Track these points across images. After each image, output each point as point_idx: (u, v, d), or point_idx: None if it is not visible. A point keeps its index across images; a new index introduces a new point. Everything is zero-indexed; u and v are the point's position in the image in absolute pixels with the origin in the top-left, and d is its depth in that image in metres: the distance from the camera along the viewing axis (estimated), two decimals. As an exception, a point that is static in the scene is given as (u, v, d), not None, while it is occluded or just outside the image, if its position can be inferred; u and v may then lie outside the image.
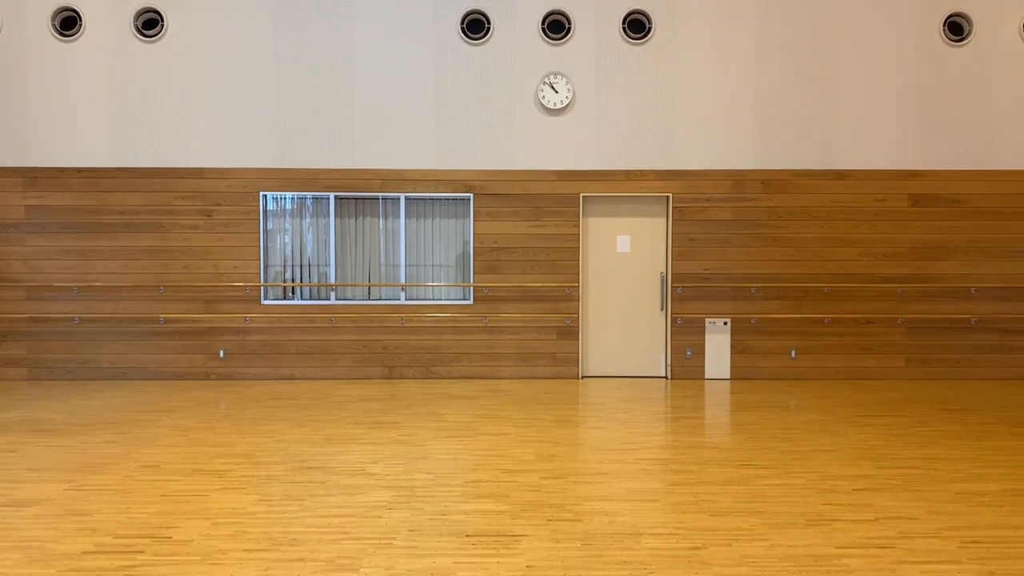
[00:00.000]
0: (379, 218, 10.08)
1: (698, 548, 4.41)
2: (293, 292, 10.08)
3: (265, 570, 4.10)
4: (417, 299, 10.08)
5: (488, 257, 9.90)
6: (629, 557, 4.28)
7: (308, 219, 10.07)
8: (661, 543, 4.48)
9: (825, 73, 9.87)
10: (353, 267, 10.10)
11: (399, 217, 10.00)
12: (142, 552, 4.35)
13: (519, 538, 4.56)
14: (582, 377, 10.05)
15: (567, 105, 9.83)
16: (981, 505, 5.12)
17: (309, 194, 9.95)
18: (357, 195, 9.98)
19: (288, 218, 10.07)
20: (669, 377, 9.99)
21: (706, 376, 9.92)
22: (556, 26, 9.89)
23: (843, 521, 4.83)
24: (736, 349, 9.90)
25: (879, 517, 4.91)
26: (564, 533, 4.63)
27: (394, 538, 4.54)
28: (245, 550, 4.37)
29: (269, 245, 10.01)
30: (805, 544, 4.47)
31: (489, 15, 9.82)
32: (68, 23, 9.80)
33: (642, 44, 9.84)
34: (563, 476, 5.78)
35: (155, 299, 9.81)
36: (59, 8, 9.74)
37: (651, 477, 5.79)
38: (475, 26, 9.88)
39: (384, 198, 10.02)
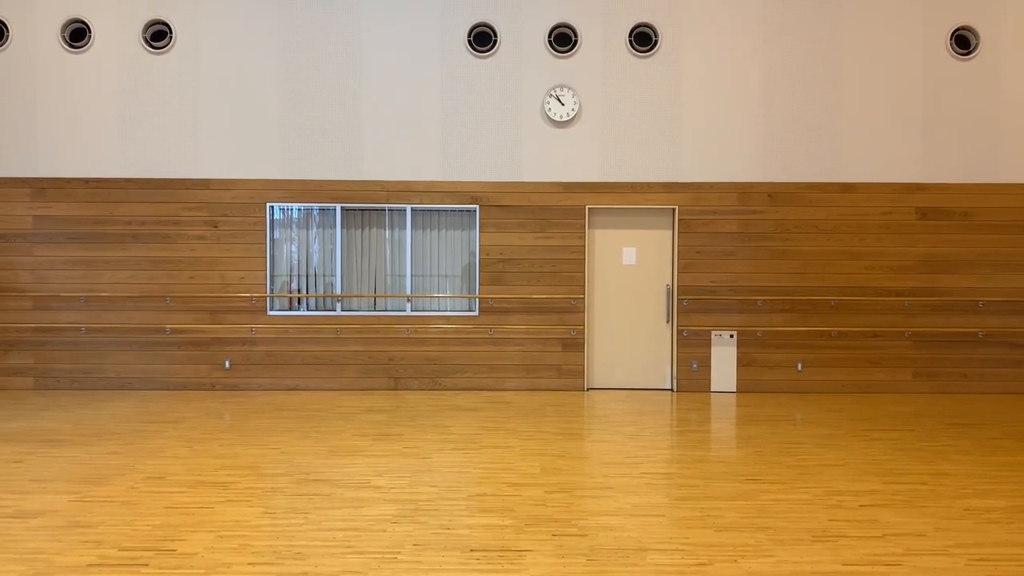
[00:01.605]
0: (385, 229, 10.09)
1: (704, 564, 4.39)
2: (299, 303, 10.09)
3: (269, 584, 4.09)
4: (423, 310, 10.09)
5: (494, 268, 9.90)
6: (634, 573, 4.25)
7: (314, 230, 10.09)
8: (666, 559, 4.45)
9: (832, 86, 9.87)
10: (359, 278, 10.11)
11: (405, 228, 10.02)
12: (147, 565, 4.34)
13: (524, 553, 4.54)
14: (587, 389, 10.03)
15: (573, 117, 9.85)
16: (989, 522, 5.08)
17: (315, 205, 9.97)
18: (363, 206, 10.00)
19: (294, 229, 10.10)
20: (675, 390, 9.96)
21: (712, 389, 9.89)
22: (563, 39, 9.92)
23: (849, 537, 4.80)
24: (742, 362, 9.87)
25: (886, 533, 4.88)
26: (569, 548, 4.61)
27: (398, 552, 4.53)
28: (249, 563, 4.37)
29: (275, 256, 10.03)
30: (811, 561, 4.44)
31: (496, 28, 9.86)
32: (77, 35, 9.87)
33: (648, 57, 9.86)
34: (568, 490, 5.76)
35: (161, 309, 9.83)
36: (68, 20, 9.81)
37: (656, 491, 5.77)
38: (482, 39, 9.92)
39: (390, 209, 10.04)
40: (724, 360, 9.89)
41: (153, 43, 9.85)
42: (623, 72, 9.87)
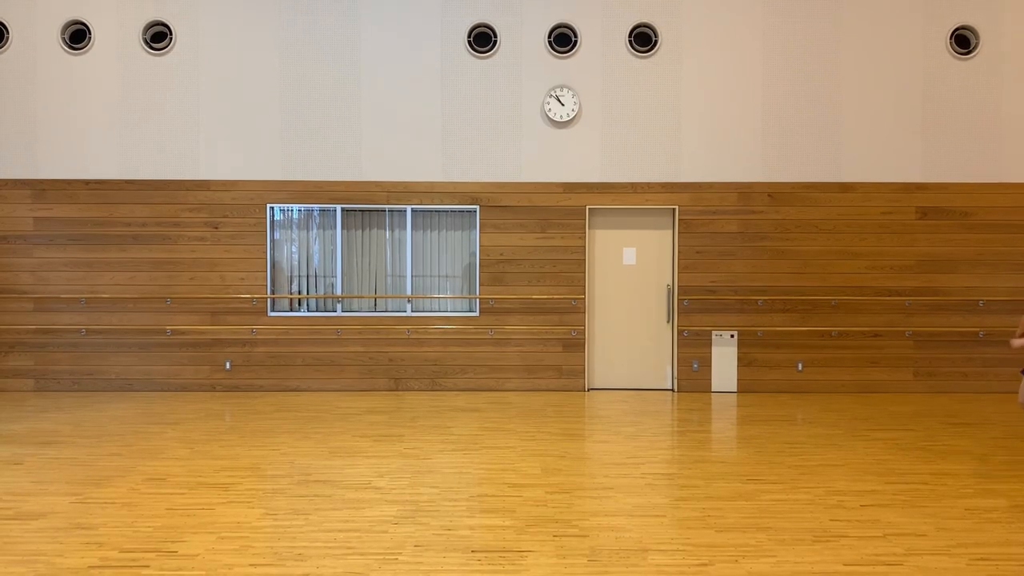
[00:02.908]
0: (385, 230, 10.10)
1: (705, 565, 4.39)
2: (299, 304, 10.10)
3: (270, 586, 4.09)
4: (423, 311, 10.09)
5: (494, 269, 9.90)
6: (635, 574, 4.26)
7: (315, 231, 10.09)
8: (667, 559, 4.46)
9: (832, 86, 9.87)
10: (359, 279, 10.11)
11: (405, 229, 10.02)
12: (148, 567, 4.35)
13: (525, 554, 4.54)
14: (588, 389, 10.03)
15: (573, 118, 9.85)
16: (990, 521, 5.08)
17: (316, 206, 9.98)
18: (364, 207, 10.00)
19: (295, 230, 10.10)
20: (675, 390, 9.96)
21: (712, 389, 9.89)
22: (563, 39, 9.92)
23: (850, 537, 4.80)
24: (743, 362, 9.87)
25: (887, 533, 4.88)
26: (570, 549, 4.61)
27: (399, 553, 4.53)
28: (251, 565, 4.37)
29: (276, 257, 10.03)
30: (812, 561, 4.44)
31: (496, 29, 9.86)
32: (77, 36, 9.87)
33: (649, 57, 9.86)
34: (569, 491, 5.76)
35: (162, 311, 9.83)
36: (69, 21, 9.81)
37: (657, 492, 5.77)
38: (482, 39, 9.92)
39: (391, 210, 10.04)
40: (724, 360, 9.89)
41: (153, 44, 9.86)
42: (623, 72, 9.87)
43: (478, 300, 9.94)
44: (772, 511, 5.29)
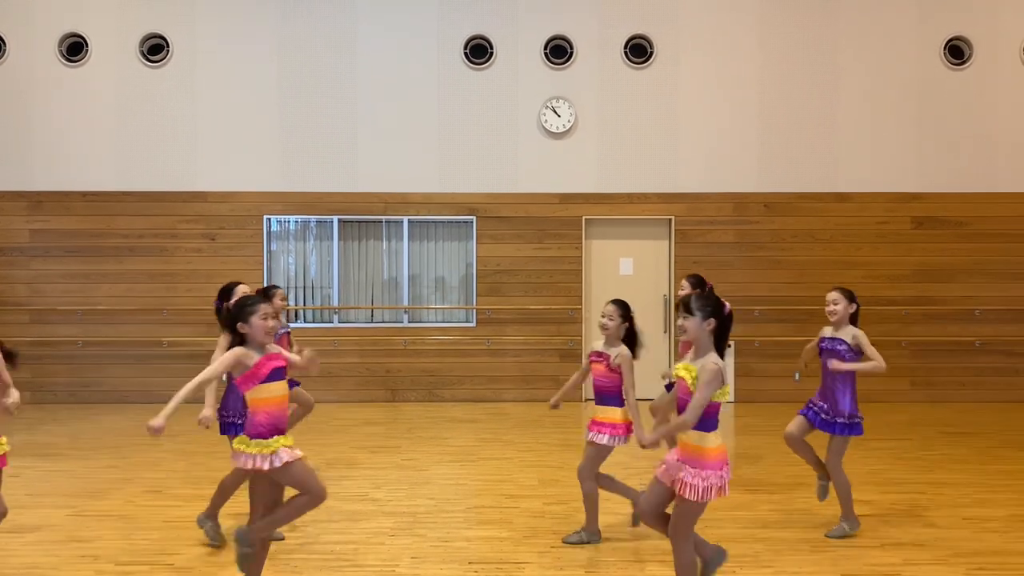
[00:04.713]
0: (382, 241, 10.11)
1: (702, 575, 4.37)
2: (296, 315, 10.09)
3: (267, 598, 4.07)
4: (420, 322, 10.08)
5: (491, 280, 9.91)
6: (633, 585, 4.25)
7: (312, 242, 10.10)
8: (665, 570, 4.44)
9: (827, 96, 9.91)
10: (356, 290, 10.11)
11: (402, 240, 10.02)
12: (143, 580, 4.34)
13: (522, 565, 4.53)
14: (585, 400, 10.00)
15: (569, 129, 9.88)
16: (987, 531, 5.08)
17: (313, 217, 9.98)
18: (361, 218, 10.01)
19: (292, 241, 10.11)
20: (673, 400, 9.93)
21: (710, 399, 9.85)
22: (558, 51, 9.95)
23: (848, 547, 4.80)
24: (739, 372, 9.85)
25: (884, 543, 4.87)
26: (567, 560, 4.60)
27: (396, 566, 4.52)
28: (247, 577, 4.34)
29: (273, 268, 10.03)
30: (809, 571, 4.44)
31: (492, 40, 9.89)
32: (75, 48, 9.88)
33: (644, 68, 9.90)
34: (566, 502, 5.75)
35: (158, 322, 9.80)
36: (66, 34, 9.83)
37: (655, 502, 5.75)
38: (478, 51, 9.95)
39: (387, 221, 10.05)
40: (721, 370, 9.86)
41: (150, 57, 9.87)
42: (619, 83, 9.90)
43: (475, 311, 9.94)
44: (770, 521, 5.29)
